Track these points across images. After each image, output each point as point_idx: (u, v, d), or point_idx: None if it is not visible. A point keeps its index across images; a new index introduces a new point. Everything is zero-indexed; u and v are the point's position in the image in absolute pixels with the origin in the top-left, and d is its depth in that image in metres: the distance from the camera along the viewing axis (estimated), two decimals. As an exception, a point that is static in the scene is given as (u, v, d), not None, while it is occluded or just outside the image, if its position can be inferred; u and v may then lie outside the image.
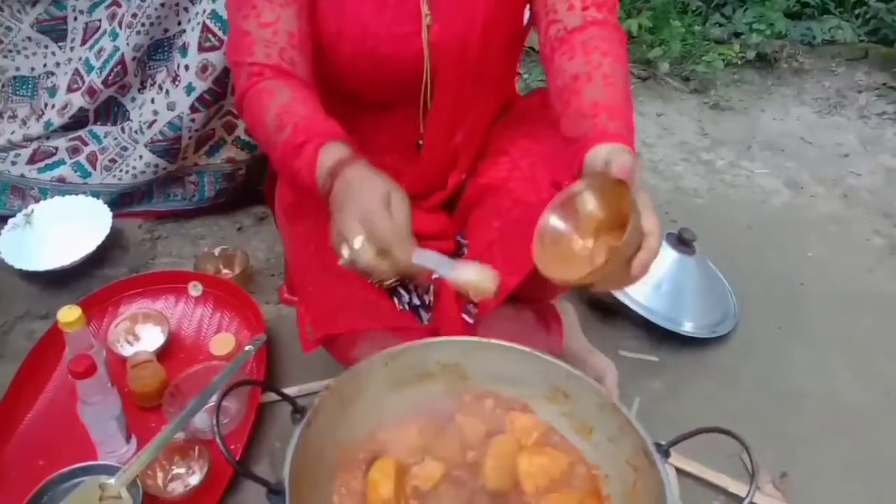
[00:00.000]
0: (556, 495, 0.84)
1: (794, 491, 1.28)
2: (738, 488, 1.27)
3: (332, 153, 0.88)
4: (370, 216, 0.81)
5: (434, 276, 1.17)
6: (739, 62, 2.70)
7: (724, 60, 2.60)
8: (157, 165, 1.65)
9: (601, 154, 0.86)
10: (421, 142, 1.19)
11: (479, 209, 1.18)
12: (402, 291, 1.12)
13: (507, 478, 0.87)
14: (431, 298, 1.15)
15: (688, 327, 1.55)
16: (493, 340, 0.86)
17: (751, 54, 2.70)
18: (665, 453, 0.81)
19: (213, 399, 1.32)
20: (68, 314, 1.18)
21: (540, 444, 0.90)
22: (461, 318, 1.11)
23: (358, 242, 0.80)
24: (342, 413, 0.86)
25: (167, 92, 1.59)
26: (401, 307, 1.12)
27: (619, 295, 1.53)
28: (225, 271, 1.60)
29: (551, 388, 0.93)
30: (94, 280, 1.58)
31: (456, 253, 1.17)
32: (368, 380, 0.90)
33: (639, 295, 1.54)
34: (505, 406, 0.94)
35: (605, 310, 1.59)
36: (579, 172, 0.89)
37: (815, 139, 2.40)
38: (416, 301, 1.13)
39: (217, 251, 1.61)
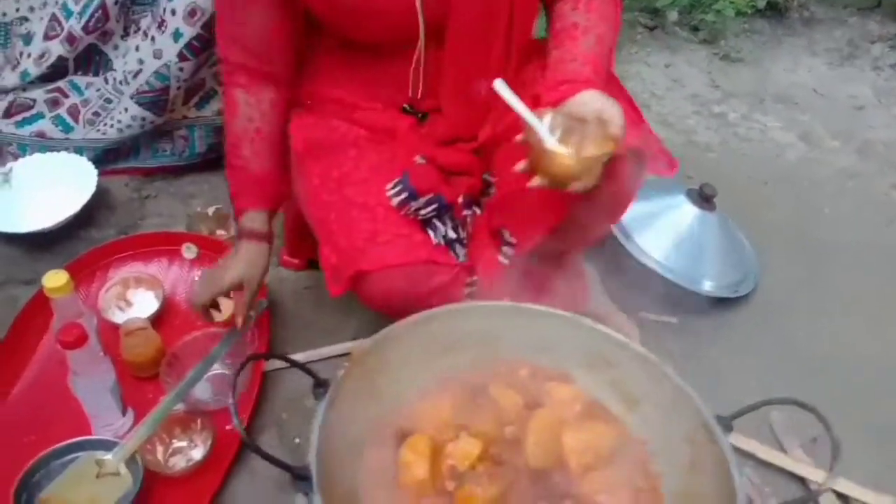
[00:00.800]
0: (603, 473, 0.77)
1: (824, 455, 1.23)
2: (772, 456, 1.22)
3: (247, 220, 1.09)
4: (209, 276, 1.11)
5: (465, 212, 1.09)
6: (749, 11, 2.59)
7: (734, 9, 2.49)
8: (143, 119, 1.54)
9: (588, 101, 0.90)
10: (407, 105, 1.13)
11: (505, 147, 1.10)
12: (438, 223, 1.04)
13: (550, 455, 0.79)
14: (468, 232, 1.07)
15: (708, 287, 1.48)
16: (529, 305, 0.78)
17: (761, 3, 2.59)
18: (727, 427, 0.74)
19: (215, 368, 1.25)
20: (54, 279, 1.09)
21: (583, 417, 0.83)
22: (496, 259, 1.04)
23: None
24: (368, 385, 0.78)
25: (153, 39, 1.47)
26: (436, 240, 1.04)
27: (638, 255, 1.45)
28: (220, 232, 1.51)
29: (593, 355, 0.86)
30: (79, 243, 1.48)
31: (483, 192, 1.09)
32: (395, 349, 0.82)
33: (658, 254, 1.46)
34: (542, 376, 0.87)
35: (622, 271, 1.52)
36: (557, 102, 0.92)
37: (827, 91, 2.31)
38: (452, 234, 1.05)
39: (211, 211, 1.52)
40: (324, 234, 1.09)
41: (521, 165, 0.90)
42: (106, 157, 1.60)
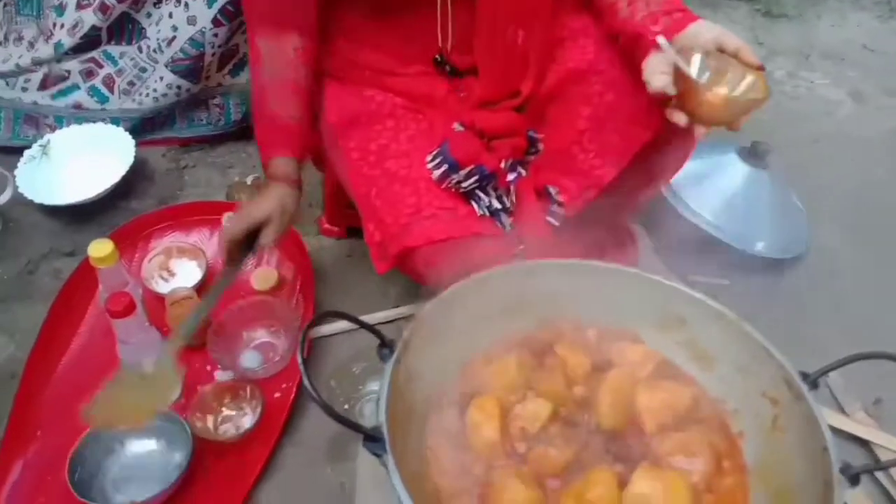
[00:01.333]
0: (681, 434, 0.74)
1: (889, 417, 1.19)
2: (833, 419, 1.18)
3: (274, 167, 1.05)
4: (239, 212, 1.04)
5: (509, 177, 1.06)
6: (791, -36, 2.49)
7: (775, -38, 2.40)
8: (179, 87, 1.52)
9: (700, 31, 0.88)
10: (439, 56, 1.09)
11: (560, 99, 1.07)
12: (481, 195, 1.01)
13: (623, 416, 0.76)
14: (513, 200, 1.03)
15: (760, 248, 1.43)
16: (594, 262, 0.75)
17: (803, -45, 2.49)
18: (813, 384, 0.70)
19: (262, 336, 1.24)
20: (100, 248, 1.08)
21: (656, 377, 0.80)
22: (545, 221, 1.01)
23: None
24: (431, 346, 0.75)
25: (186, 5, 1.45)
26: (481, 212, 1.01)
27: (688, 215, 1.41)
28: (259, 201, 1.48)
29: (664, 314, 0.82)
30: (119, 213, 1.47)
31: (528, 151, 1.06)
32: (458, 309, 0.79)
33: (708, 214, 1.42)
34: (610, 336, 0.83)
35: (672, 233, 1.47)
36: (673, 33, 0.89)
37: (877, 46, 2.22)
38: (497, 204, 1.02)
39: (250, 180, 1.50)
40: (367, 210, 1.06)
41: (680, 118, 0.88)
42: (143, 128, 1.58)
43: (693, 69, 0.84)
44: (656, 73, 0.88)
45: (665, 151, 1.05)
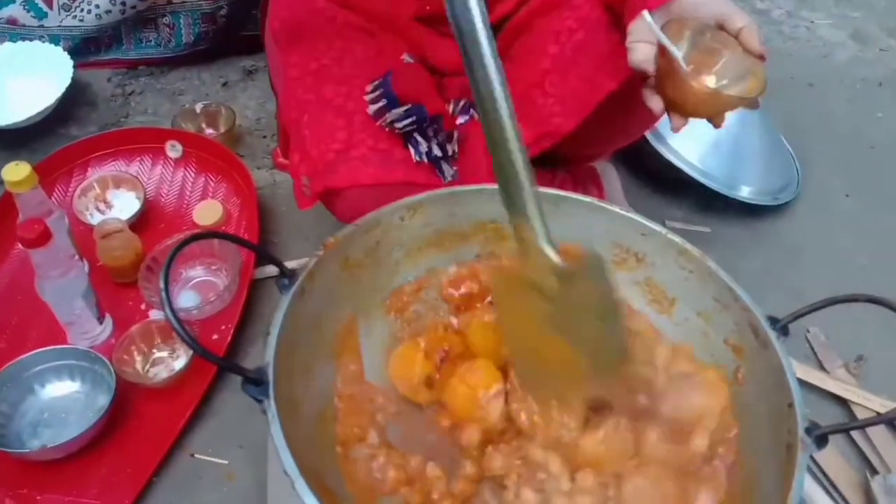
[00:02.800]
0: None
1: (871, 375, 1.11)
2: (811, 376, 1.10)
3: None
4: None
5: (459, 120, 0.96)
6: None
7: None
8: (124, 3, 1.39)
9: (707, 2, 0.74)
10: None
11: (528, 33, 0.95)
12: (420, 139, 0.90)
13: None
14: (455, 148, 0.92)
15: (746, 193, 1.34)
16: (540, 188, 0.65)
17: None
18: (783, 330, 0.62)
19: (200, 275, 1.16)
20: (14, 172, 0.98)
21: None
22: (493, 172, 0.90)
23: None
24: (347, 280, 0.66)
25: None
26: (417, 158, 0.90)
27: (670, 156, 1.31)
28: (208, 130, 1.38)
29: (618, 248, 0.73)
30: (58, 140, 1.36)
31: None
32: (380, 238, 0.69)
33: (692, 155, 1.32)
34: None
35: (649, 175, 1.38)
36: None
37: (884, -15, 2.08)
38: (437, 151, 0.91)
39: (199, 107, 1.39)
40: (295, 137, 0.95)
41: (654, 103, 0.76)
42: (85, 48, 1.46)
43: (680, 50, 0.72)
44: (640, 43, 0.76)
45: (631, 109, 0.93)
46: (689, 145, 1.31)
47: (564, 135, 0.92)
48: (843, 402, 1.09)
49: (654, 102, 0.77)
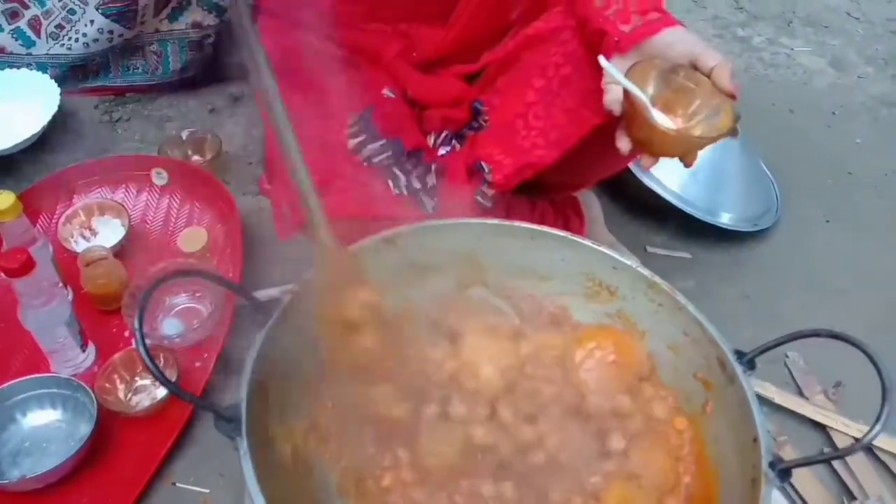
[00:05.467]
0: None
1: (848, 401, 1.13)
2: (790, 402, 1.11)
3: None
4: None
5: (440, 151, 0.97)
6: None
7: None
8: (111, 32, 1.40)
9: (676, 41, 0.76)
10: None
11: (515, 67, 0.97)
12: (398, 172, 0.91)
13: None
14: (434, 181, 0.94)
15: (726, 219, 1.36)
16: (517, 223, 0.66)
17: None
18: (749, 364, 0.63)
19: (184, 302, 1.16)
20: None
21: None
22: (474, 201, 0.92)
23: None
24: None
25: (117, -59, 1.33)
26: (397, 191, 0.91)
27: (650, 183, 1.32)
28: (195, 157, 1.39)
29: (592, 281, 0.74)
30: (44, 167, 1.37)
31: (469, 123, 0.96)
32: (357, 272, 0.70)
33: (672, 183, 1.34)
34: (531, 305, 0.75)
35: (630, 202, 1.40)
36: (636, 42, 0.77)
37: (862, 14, 2.13)
38: (417, 184, 0.92)
39: (185, 134, 1.39)
40: (277, 167, 0.96)
41: (622, 143, 0.77)
42: (73, 75, 1.47)
43: (647, 91, 0.73)
44: (611, 84, 0.77)
45: (613, 143, 0.95)
46: (669, 172, 1.33)
47: (546, 166, 0.94)
48: (822, 427, 1.10)
49: (622, 143, 0.78)
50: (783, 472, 0.54)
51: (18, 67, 1.43)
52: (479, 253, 0.74)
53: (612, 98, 0.76)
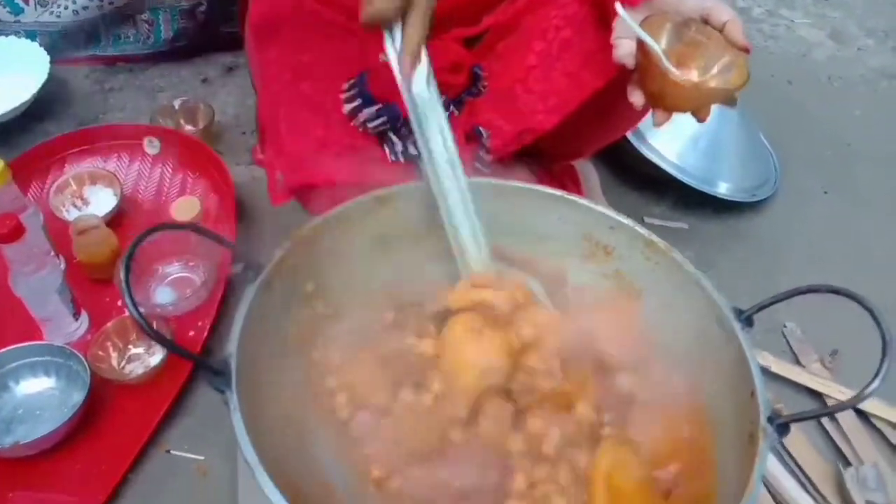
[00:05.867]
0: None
1: (844, 369, 1.12)
2: (786, 370, 1.11)
3: None
4: None
5: None
6: None
7: None
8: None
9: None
10: None
11: (514, 32, 0.95)
12: (394, 138, 0.90)
13: None
14: None
15: (724, 189, 1.35)
16: (510, 182, 0.65)
17: None
18: (747, 321, 0.62)
19: (178, 271, 1.15)
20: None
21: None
22: (472, 167, 0.90)
23: None
24: (313, 273, 0.66)
25: None
26: (393, 157, 0.90)
27: (646, 151, 1.31)
28: (187, 127, 1.37)
29: (588, 241, 0.73)
30: (34, 137, 1.35)
31: (468, 88, 0.94)
32: (348, 231, 0.69)
33: (670, 152, 1.32)
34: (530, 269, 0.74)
35: (628, 172, 1.39)
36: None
37: (863, -15, 2.10)
38: (413, 150, 0.91)
39: (177, 103, 1.38)
40: (271, 132, 0.95)
41: (635, 97, 0.76)
42: (63, 44, 1.45)
43: (660, 44, 0.72)
44: (622, 39, 0.76)
45: (614, 109, 0.93)
46: (667, 142, 1.32)
47: (546, 131, 0.92)
48: (818, 396, 1.10)
49: (636, 97, 0.77)
50: (781, 427, 0.54)
51: (6, 35, 1.41)
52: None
53: (625, 52, 0.75)
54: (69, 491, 0.91)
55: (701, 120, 0.78)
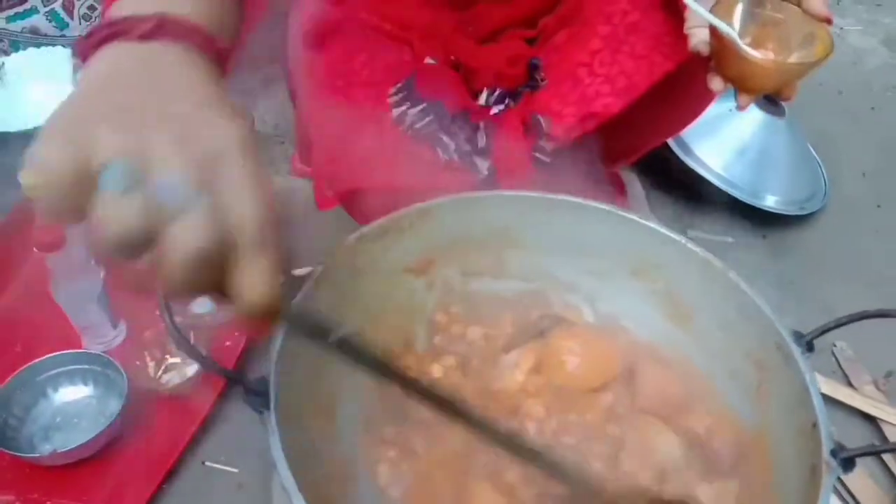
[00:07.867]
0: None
1: (900, 392, 1.07)
2: (838, 392, 1.07)
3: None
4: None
5: (493, 111, 0.92)
6: None
7: None
8: (143, 11, 1.40)
9: None
10: None
11: (577, 18, 0.92)
12: (444, 138, 0.87)
13: None
14: (484, 142, 0.89)
15: (771, 202, 1.31)
16: (560, 196, 0.62)
17: None
18: (808, 346, 0.59)
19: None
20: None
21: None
22: (532, 157, 0.87)
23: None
24: (354, 286, 0.65)
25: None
26: (446, 157, 0.87)
27: (691, 162, 1.28)
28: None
29: (638, 258, 0.71)
30: (78, 146, 1.37)
31: (525, 83, 0.92)
32: (390, 244, 0.68)
33: (716, 164, 1.29)
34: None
35: (671, 183, 1.35)
36: None
37: (918, -10, 2.04)
38: (466, 146, 0.88)
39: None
40: (319, 136, 0.94)
41: (714, 84, 0.74)
42: (107, 56, 1.47)
43: (732, 27, 0.69)
44: (695, 28, 0.74)
45: (680, 97, 0.90)
46: (713, 154, 1.28)
47: (611, 116, 0.88)
48: (871, 419, 1.05)
49: (715, 83, 0.74)
50: (846, 461, 0.51)
51: (53, 47, 1.44)
52: (514, 227, 0.71)
53: (698, 40, 0.73)
54: (104, 500, 0.90)
55: (787, 98, 0.75)
